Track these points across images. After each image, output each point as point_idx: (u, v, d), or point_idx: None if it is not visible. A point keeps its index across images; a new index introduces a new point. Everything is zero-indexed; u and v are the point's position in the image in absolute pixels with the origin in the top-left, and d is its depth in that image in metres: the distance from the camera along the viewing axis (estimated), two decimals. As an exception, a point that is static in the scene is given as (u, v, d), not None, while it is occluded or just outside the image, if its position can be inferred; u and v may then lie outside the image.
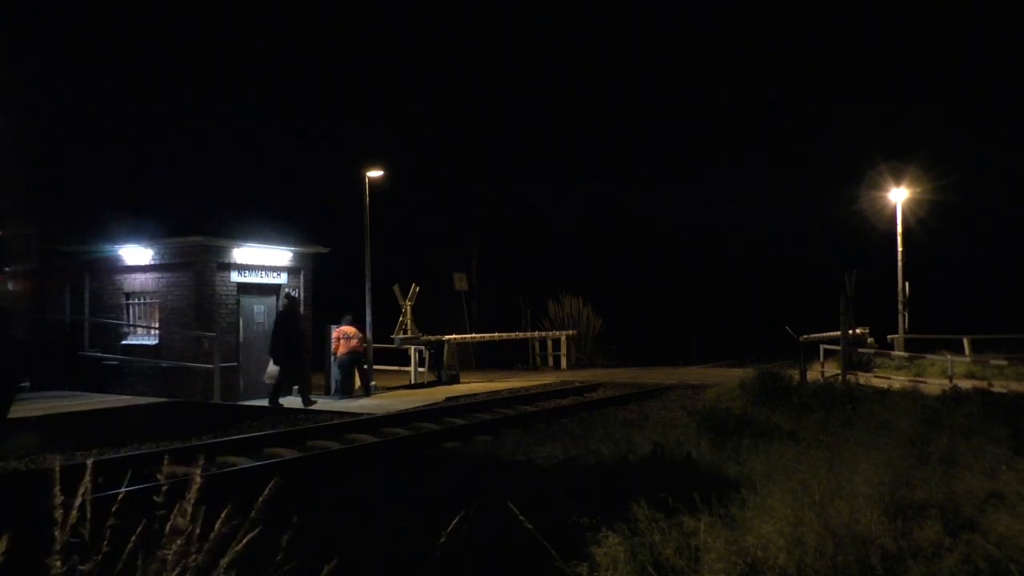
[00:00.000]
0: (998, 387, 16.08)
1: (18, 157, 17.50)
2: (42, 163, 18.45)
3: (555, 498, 6.23)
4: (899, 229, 27.58)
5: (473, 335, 25.38)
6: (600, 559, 4.52)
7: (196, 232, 16.58)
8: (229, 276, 16.77)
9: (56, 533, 2.75)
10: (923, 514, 5.22)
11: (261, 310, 17.62)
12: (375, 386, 18.39)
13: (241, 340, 16.98)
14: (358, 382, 17.93)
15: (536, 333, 29.55)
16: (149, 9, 39.27)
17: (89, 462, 3.28)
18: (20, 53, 17.60)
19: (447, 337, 22.04)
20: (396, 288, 21.51)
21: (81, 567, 2.78)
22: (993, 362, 19.90)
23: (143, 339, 17.23)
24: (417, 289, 21.35)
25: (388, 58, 48.69)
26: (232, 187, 30.28)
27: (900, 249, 27.23)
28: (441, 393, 18.22)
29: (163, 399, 14.30)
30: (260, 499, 3.17)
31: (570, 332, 29.42)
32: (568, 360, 29.38)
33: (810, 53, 60.36)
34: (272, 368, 15.79)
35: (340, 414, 14.37)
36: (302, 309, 17.65)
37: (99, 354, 17.33)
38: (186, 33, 38.27)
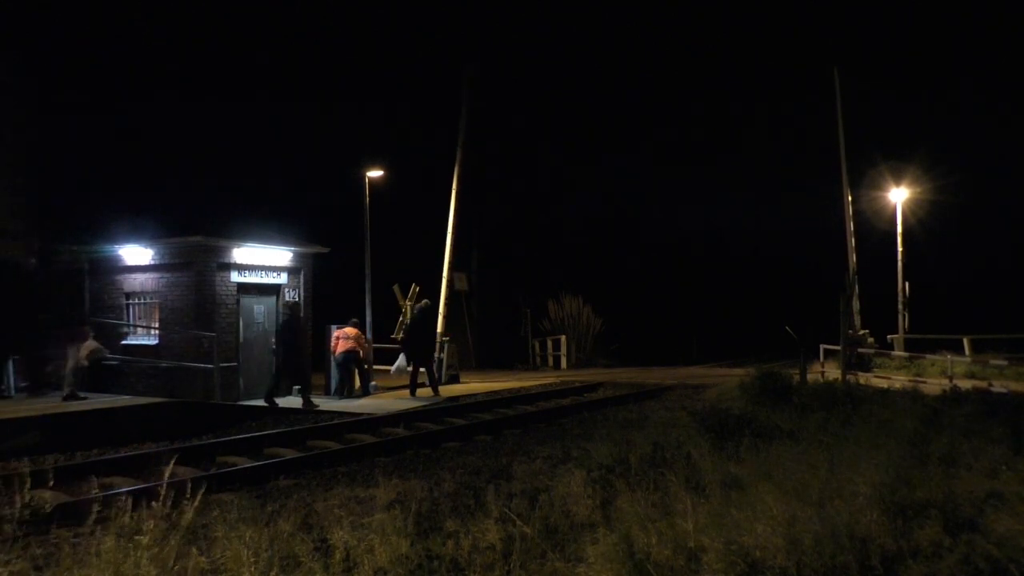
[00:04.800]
0: (998, 387, 16.11)
1: (18, 157, 17.53)
2: (42, 163, 18.46)
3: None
4: (899, 229, 27.58)
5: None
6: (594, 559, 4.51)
7: (196, 232, 16.57)
8: (229, 276, 16.77)
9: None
10: (923, 514, 5.22)
11: (261, 310, 17.62)
12: (375, 386, 18.39)
13: (241, 340, 16.97)
14: (358, 382, 17.93)
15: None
16: (150, 7, 39.22)
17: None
18: (20, 51, 17.61)
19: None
20: (396, 288, 21.50)
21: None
22: (993, 362, 19.90)
23: (143, 339, 17.22)
24: (417, 289, 21.33)
25: (389, 56, 48.65)
26: (232, 187, 30.22)
27: (900, 249, 27.23)
28: (441, 393, 18.22)
29: (163, 399, 14.29)
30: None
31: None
32: (568, 360, 29.41)
33: (810, 53, 60.30)
34: (401, 362, 18.86)
35: (340, 414, 14.37)
36: (302, 312, 17.75)
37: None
38: (187, 31, 38.23)
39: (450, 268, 23.28)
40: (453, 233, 23.24)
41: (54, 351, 14.46)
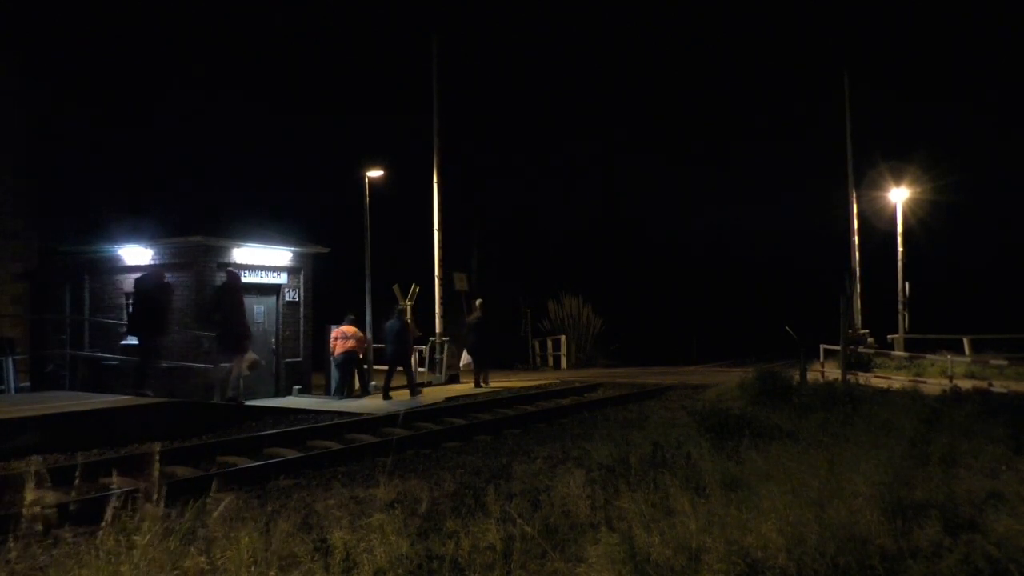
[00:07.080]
0: (998, 387, 16.09)
1: (19, 158, 17.52)
2: (43, 163, 18.47)
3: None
4: (899, 229, 27.60)
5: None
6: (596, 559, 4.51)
7: (196, 232, 16.56)
8: (229, 276, 16.74)
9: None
10: (923, 514, 5.22)
11: (261, 310, 17.60)
12: (375, 386, 18.37)
13: (241, 340, 16.95)
14: (358, 382, 17.92)
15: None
16: (151, 9, 39.32)
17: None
18: (22, 53, 17.60)
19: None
20: (396, 288, 21.47)
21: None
22: (993, 362, 19.89)
23: (143, 339, 17.19)
24: (417, 289, 21.32)
25: (388, 55, 48.72)
26: (232, 187, 30.31)
27: (900, 249, 27.24)
28: (441, 393, 18.21)
29: (163, 399, 14.28)
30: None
31: None
32: (568, 360, 29.39)
33: (809, 52, 60.35)
34: (466, 358, 21.33)
35: (340, 414, 14.36)
36: (303, 310, 17.72)
37: (99, 354, 17.30)
38: (187, 31, 38.30)
39: (441, 266, 23.04)
40: (440, 230, 22.79)
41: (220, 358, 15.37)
